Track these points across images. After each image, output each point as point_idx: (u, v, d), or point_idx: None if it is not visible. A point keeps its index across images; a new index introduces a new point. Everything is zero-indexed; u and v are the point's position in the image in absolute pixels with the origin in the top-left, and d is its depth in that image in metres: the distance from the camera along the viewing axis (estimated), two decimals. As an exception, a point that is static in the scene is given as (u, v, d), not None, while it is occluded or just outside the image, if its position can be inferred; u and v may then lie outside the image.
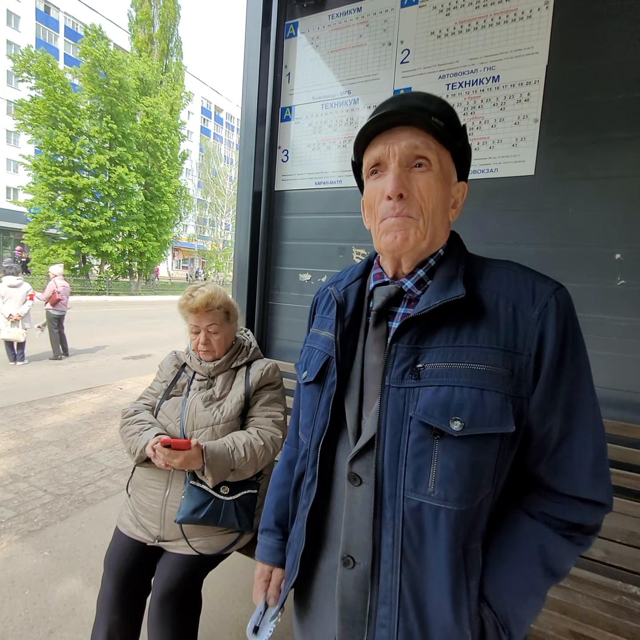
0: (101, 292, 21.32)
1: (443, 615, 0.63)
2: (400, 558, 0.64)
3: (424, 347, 0.66)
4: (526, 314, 0.63)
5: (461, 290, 0.64)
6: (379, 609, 0.65)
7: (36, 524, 2.50)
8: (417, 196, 0.66)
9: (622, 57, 1.58)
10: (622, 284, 1.63)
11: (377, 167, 0.70)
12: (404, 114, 0.65)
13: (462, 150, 0.71)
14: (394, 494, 0.64)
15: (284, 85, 2.35)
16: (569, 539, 0.67)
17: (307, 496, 0.77)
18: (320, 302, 0.90)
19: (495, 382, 0.61)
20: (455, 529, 0.62)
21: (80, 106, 20.30)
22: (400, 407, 0.65)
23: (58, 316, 7.16)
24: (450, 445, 0.61)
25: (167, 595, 1.32)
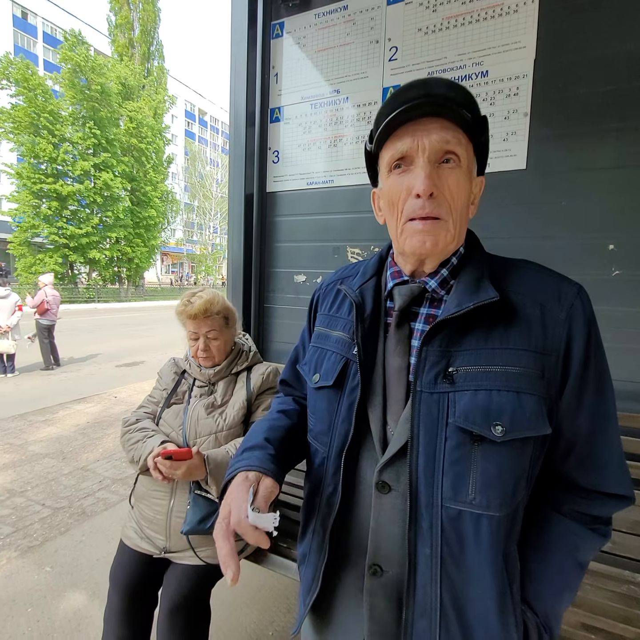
0: (90, 300, 21.08)
1: (488, 624, 0.62)
2: (440, 569, 0.61)
3: (454, 350, 0.64)
4: (553, 315, 0.63)
5: (494, 293, 0.62)
6: (415, 622, 0.63)
7: (36, 539, 2.46)
8: (447, 195, 0.63)
9: (609, 49, 1.58)
10: (616, 275, 1.65)
11: (401, 160, 0.65)
12: (436, 105, 0.61)
13: (485, 144, 0.69)
14: (430, 503, 0.62)
15: (272, 86, 2.33)
16: (594, 531, 0.68)
17: (327, 507, 0.73)
18: (324, 299, 0.86)
19: (530, 384, 0.60)
20: (497, 536, 0.62)
21: (62, 112, 20.03)
22: (435, 413, 0.62)
23: (48, 326, 7.06)
24: (490, 450, 0.60)
25: (177, 607, 1.30)
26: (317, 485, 0.77)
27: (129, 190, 24.41)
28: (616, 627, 1.17)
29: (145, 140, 24.19)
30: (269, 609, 1.97)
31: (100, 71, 20.54)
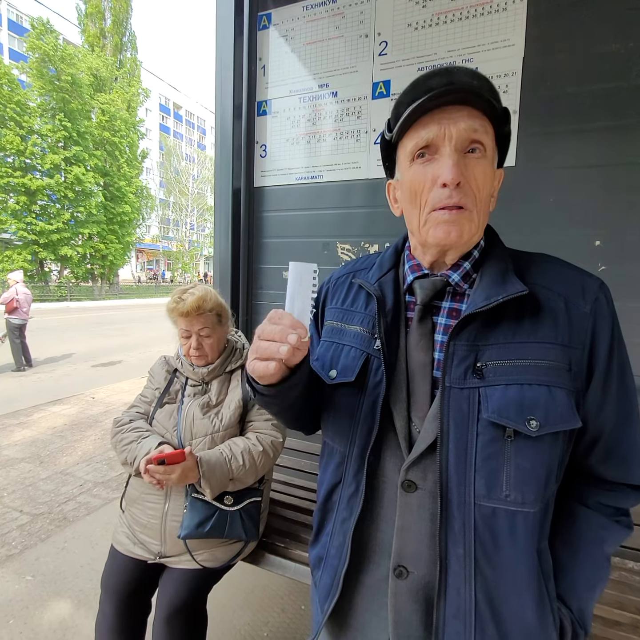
0: (62, 298, 20.36)
1: (525, 623, 0.61)
2: (474, 569, 0.60)
3: (482, 344, 0.63)
4: (579, 308, 0.63)
5: (522, 286, 0.62)
6: (447, 624, 0.61)
7: (14, 547, 2.35)
8: (473, 185, 0.62)
9: (595, 49, 1.62)
10: (602, 270, 1.69)
11: (426, 149, 0.63)
12: (464, 92, 0.59)
13: (507, 136, 0.67)
14: (463, 502, 0.60)
15: (259, 79, 2.28)
16: (619, 523, 0.69)
17: (348, 508, 0.71)
18: (335, 293, 0.83)
19: (559, 377, 0.60)
20: (532, 532, 0.61)
21: (30, 104, 19.25)
22: (465, 408, 0.61)
23: (19, 325, 6.78)
24: (524, 445, 0.59)
25: (174, 613, 1.27)
26: (334, 486, 0.74)
27: (102, 185, 23.71)
28: (611, 612, 1.21)
29: (119, 133, 23.52)
30: (263, 609, 1.95)
31: (71, 61, 19.82)
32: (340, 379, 0.72)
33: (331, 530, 0.74)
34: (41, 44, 18.55)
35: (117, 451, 1.42)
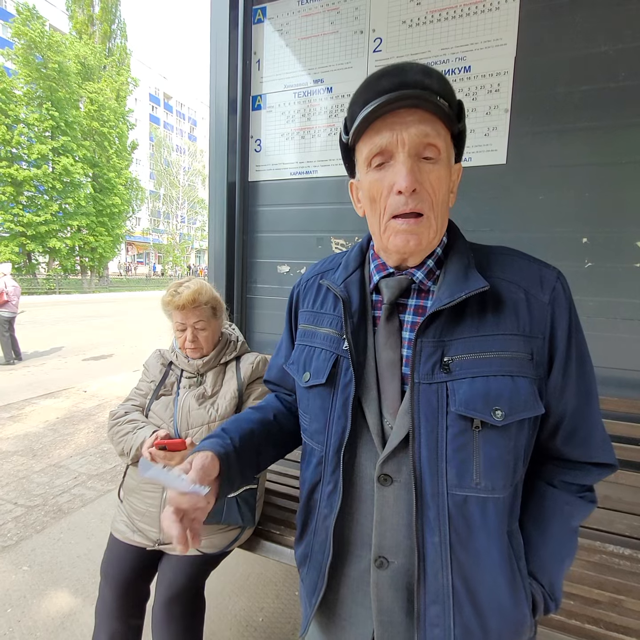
0: (50, 291, 20.10)
1: (500, 601, 0.64)
2: (449, 555, 0.63)
3: (447, 339, 0.65)
4: (537, 299, 0.65)
5: (483, 282, 0.64)
6: (428, 609, 0.64)
7: (10, 538, 2.37)
8: (429, 190, 0.62)
9: (585, 50, 1.65)
10: (589, 266, 1.74)
11: (380, 156, 0.63)
12: (413, 98, 0.59)
13: (462, 131, 0.67)
14: (436, 492, 0.63)
15: (254, 73, 2.29)
16: (583, 498, 0.73)
17: (328, 505, 0.73)
18: (305, 295, 0.84)
19: (522, 367, 0.63)
20: (502, 515, 0.65)
21: (16, 92, 18.84)
22: (434, 402, 0.63)
23: (9, 318, 6.70)
24: (491, 435, 0.62)
25: (173, 598, 1.30)
26: (315, 485, 0.76)
27: (91, 177, 23.37)
28: (591, 592, 1.27)
29: (108, 123, 23.18)
30: (258, 595, 2.00)
31: (58, 49, 19.44)
32: (312, 382, 0.74)
33: (314, 528, 0.77)
34: (27, 30, 18.15)
35: (113, 443, 1.45)
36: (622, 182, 1.65)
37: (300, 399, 0.81)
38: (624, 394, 1.66)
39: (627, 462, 1.56)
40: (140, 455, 1.34)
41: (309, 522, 0.79)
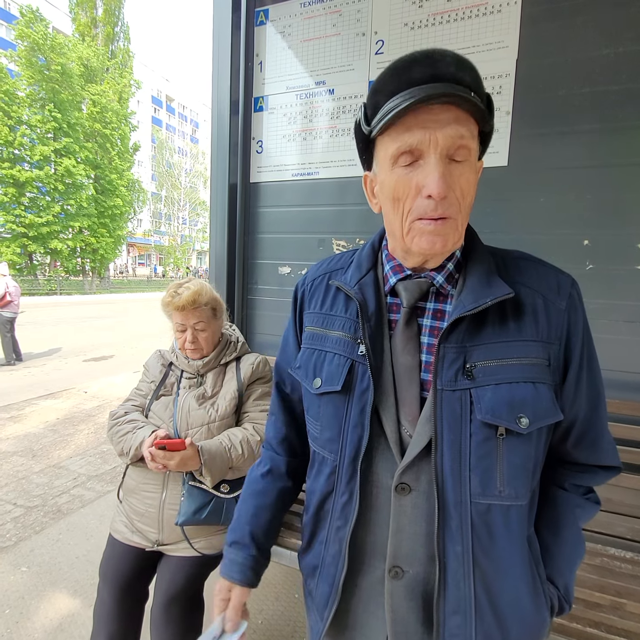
0: (52, 292, 20.15)
1: (522, 608, 0.64)
2: (472, 564, 0.62)
3: (469, 345, 0.63)
4: (555, 305, 0.65)
5: (508, 289, 0.62)
6: (447, 619, 0.63)
7: (9, 539, 2.36)
8: (459, 194, 0.59)
9: (586, 52, 1.66)
10: (590, 269, 1.74)
11: (409, 154, 0.59)
12: (450, 95, 0.55)
13: (490, 130, 0.64)
14: (459, 501, 0.62)
15: (256, 75, 2.29)
16: (589, 500, 0.74)
17: (342, 517, 0.70)
18: (312, 296, 0.79)
19: (542, 373, 0.63)
20: (523, 522, 0.65)
21: (19, 93, 18.94)
22: (458, 410, 0.62)
23: (10, 319, 6.71)
24: (515, 442, 0.62)
25: (172, 599, 1.30)
26: (327, 495, 0.73)
27: (93, 178, 23.47)
28: (593, 595, 1.26)
29: (110, 125, 23.26)
30: (257, 597, 1.99)
31: (61, 51, 19.54)
32: (325, 388, 0.71)
33: (325, 539, 0.74)
34: (30, 32, 18.27)
35: (113, 443, 1.44)
36: (623, 184, 1.65)
37: (309, 406, 0.77)
38: (626, 397, 1.66)
39: (628, 464, 1.55)
40: (140, 455, 1.34)
41: (318, 532, 0.76)
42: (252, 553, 0.80)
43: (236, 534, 0.82)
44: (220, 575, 0.80)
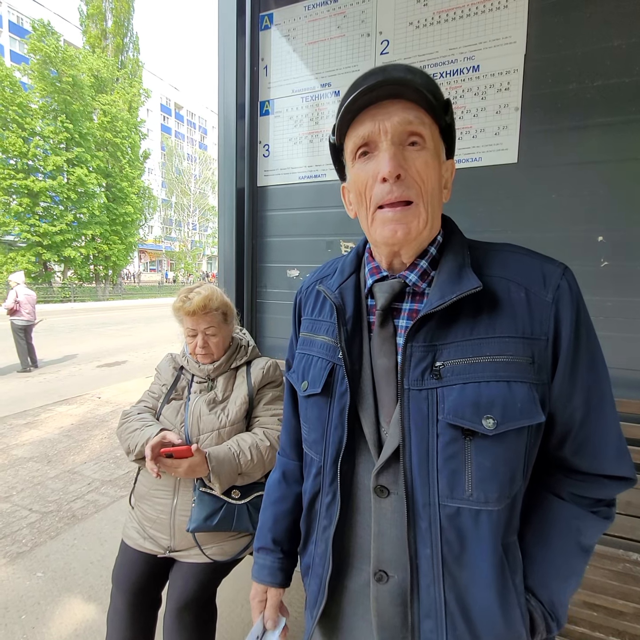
0: (66, 300, 20.49)
1: (493, 619, 0.61)
2: (441, 568, 0.60)
3: (439, 343, 0.62)
4: (539, 297, 0.61)
5: (476, 282, 0.60)
6: (422, 623, 0.62)
7: (25, 544, 2.39)
8: (416, 177, 0.60)
9: (597, 45, 1.62)
10: (605, 266, 1.69)
11: (365, 147, 0.62)
12: (395, 84, 0.57)
13: (450, 126, 0.65)
14: (427, 503, 0.60)
15: (262, 79, 2.30)
16: (596, 514, 0.67)
17: (327, 517, 0.71)
18: (307, 302, 0.82)
19: (520, 371, 0.59)
20: (497, 529, 0.61)
21: (32, 105, 19.34)
22: (424, 410, 0.61)
23: (24, 326, 6.83)
24: (483, 444, 0.59)
25: (184, 606, 1.29)
26: (315, 495, 0.75)
27: (105, 186, 23.82)
28: (615, 603, 1.22)
29: (121, 134, 23.60)
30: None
31: (72, 63, 19.92)
32: (310, 391, 0.73)
33: (315, 539, 0.75)
34: (42, 45, 18.65)
35: (121, 440, 1.44)
36: (637, 178, 1.61)
37: (300, 408, 0.80)
38: (644, 396, 1.61)
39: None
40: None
41: (311, 532, 0.78)
42: (279, 556, 0.85)
43: (261, 541, 0.87)
44: (253, 580, 0.85)
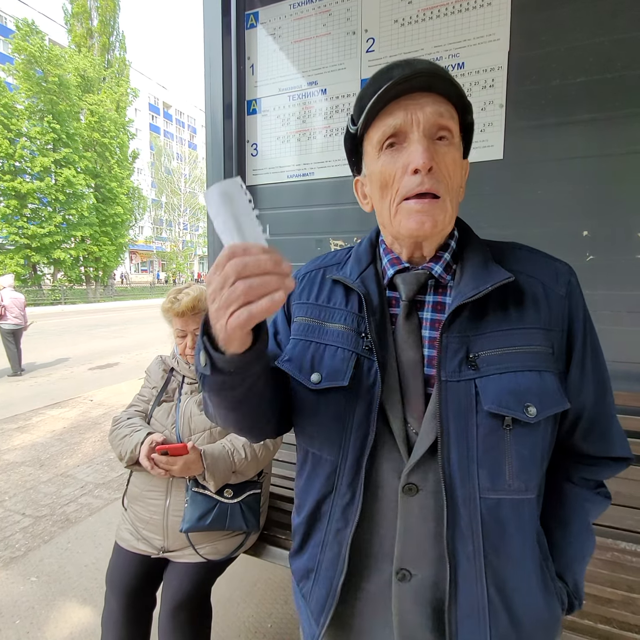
0: (56, 302, 20.24)
1: (535, 605, 0.63)
2: (483, 563, 0.60)
3: (472, 334, 0.62)
4: (555, 292, 0.64)
5: (507, 273, 0.62)
6: (460, 623, 0.60)
7: (18, 549, 2.37)
8: (444, 171, 0.60)
9: (580, 42, 1.64)
10: (590, 260, 1.72)
11: (393, 138, 0.61)
12: (429, 76, 0.57)
13: (471, 126, 0.67)
14: (468, 497, 0.60)
15: (248, 78, 2.29)
16: (599, 494, 0.72)
17: (342, 519, 0.67)
18: (303, 288, 0.77)
19: (546, 361, 0.61)
20: (532, 515, 0.63)
21: (18, 106, 19.07)
22: (463, 401, 0.60)
23: (12, 330, 6.71)
24: (522, 432, 0.60)
25: (179, 606, 1.30)
26: (325, 496, 0.69)
27: (93, 187, 23.58)
28: (604, 591, 1.25)
29: (109, 134, 23.36)
30: (266, 601, 1.98)
31: (57, 62, 19.64)
32: (328, 384, 0.66)
33: (322, 541, 0.70)
34: (27, 45, 18.38)
35: (113, 446, 1.44)
36: (621, 173, 1.63)
37: (301, 403, 0.71)
38: (632, 388, 1.64)
39: (638, 457, 1.53)
40: (135, 458, 1.35)
41: (313, 534, 0.72)
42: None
43: None
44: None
